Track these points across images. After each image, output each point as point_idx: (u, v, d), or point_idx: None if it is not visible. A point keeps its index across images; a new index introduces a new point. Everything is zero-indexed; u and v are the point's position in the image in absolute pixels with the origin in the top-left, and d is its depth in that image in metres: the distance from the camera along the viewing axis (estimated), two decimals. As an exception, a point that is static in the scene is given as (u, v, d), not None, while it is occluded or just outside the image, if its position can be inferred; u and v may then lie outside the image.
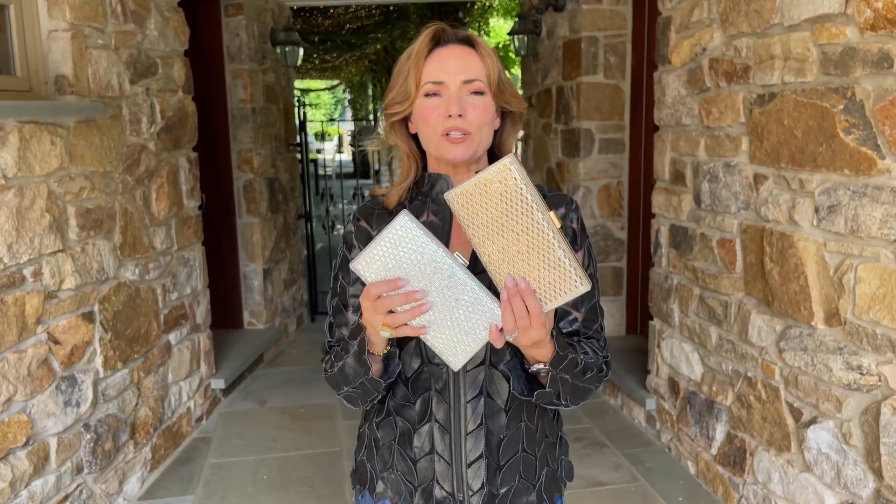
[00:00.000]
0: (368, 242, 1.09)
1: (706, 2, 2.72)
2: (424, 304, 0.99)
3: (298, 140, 5.50)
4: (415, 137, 1.20)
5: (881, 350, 1.97)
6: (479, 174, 0.95)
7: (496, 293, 1.00)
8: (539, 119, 4.86)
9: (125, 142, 2.84)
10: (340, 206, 7.53)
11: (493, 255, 0.97)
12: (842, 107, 2.04)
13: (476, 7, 9.82)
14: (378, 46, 11.34)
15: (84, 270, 2.54)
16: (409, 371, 1.17)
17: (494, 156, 1.24)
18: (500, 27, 11.07)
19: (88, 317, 2.57)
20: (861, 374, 2.04)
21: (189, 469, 3.16)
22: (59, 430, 2.40)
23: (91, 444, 2.58)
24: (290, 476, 3.09)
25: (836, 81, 2.07)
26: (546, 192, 1.19)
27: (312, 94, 23.30)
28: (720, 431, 2.79)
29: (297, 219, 5.48)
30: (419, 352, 1.16)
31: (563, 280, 0.95)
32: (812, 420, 2.26)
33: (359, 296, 1.17)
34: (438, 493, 1.19)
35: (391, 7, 8.57)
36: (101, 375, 2.65)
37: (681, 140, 2.99)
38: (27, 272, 2.25)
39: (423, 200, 1.20)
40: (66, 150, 2.44)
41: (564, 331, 1.19)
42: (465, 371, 1.15)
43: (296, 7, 6.99)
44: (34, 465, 2.27)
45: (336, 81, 18.37)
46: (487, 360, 1.15)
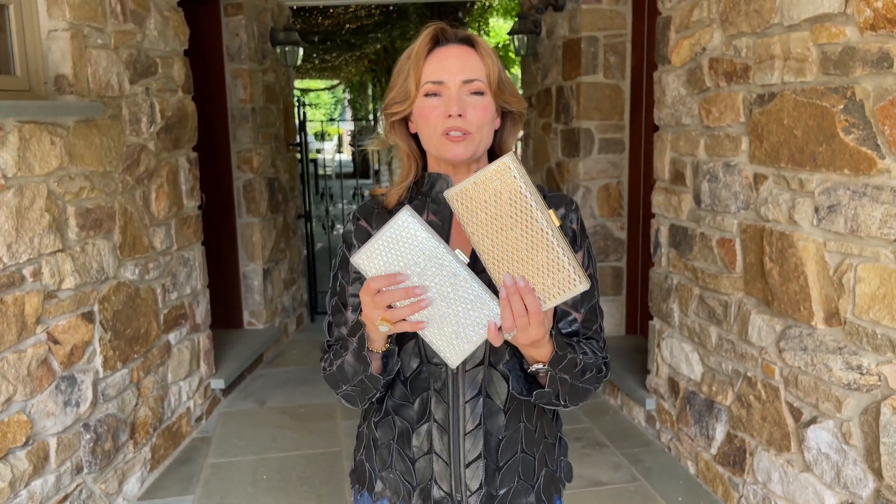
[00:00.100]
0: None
1: (706, 1, 2.72)
2: (424, 300, 0.99)
3: (298, 140, 5.50)
4: (415, 137, 1.20)
5: (881, 350, 1.97)
6: (479, 172, 0.95)
7: (495, 292, 1.00)
8: (539, 119, 4.86)
9: (125, 142, 2.84)
10: (340, 206, 7.54)
11: (493, 254, 0.97)
12: (842, 106, 2.04)
13: (476, 7, 9.82)
14: (378, 46, 11.34)
15: (84, 270, 2.54)
16: (408, 370, 1.17)
17: (494, 155, 1.23)
18: (500, 27, 11.07)
19: (88, 317, 2.57)
20: (861, 374, 2.04)
21: (189, 469, 3.16)
22: (59, 430, 2.40)
23: (91, 444, 2.58)
24: (290, 476, 3.09)
25: (836, 81, 2.07)
26: (546, 193, 1.18)
27: (312, 94, 23.30)
28: (720, 431, 2.79)
29: (297, 219, 5.48)
30: (418, 351, 1.16)
31: (562, 278, 0.95)
32: (812, 420, 2.26)
33: (358, 295, 1.17)
34: (436, 493, 1.19)
35: (391, 7, 8.57)
36: (101, 375, 2.65)
37: (681, 140, 2.99)
38: (27, 272, 2.25)
39: (423, 200, 1.20)
40: (66, 150, 2.44)
41: (564, 331, 1.18)
42: (464, 371, 1.15)
43: (295, 7, 6.99)
44: (34, 465, 2.27)
45: (336, 81, 18.37)
46: (486, 360, 1.15)
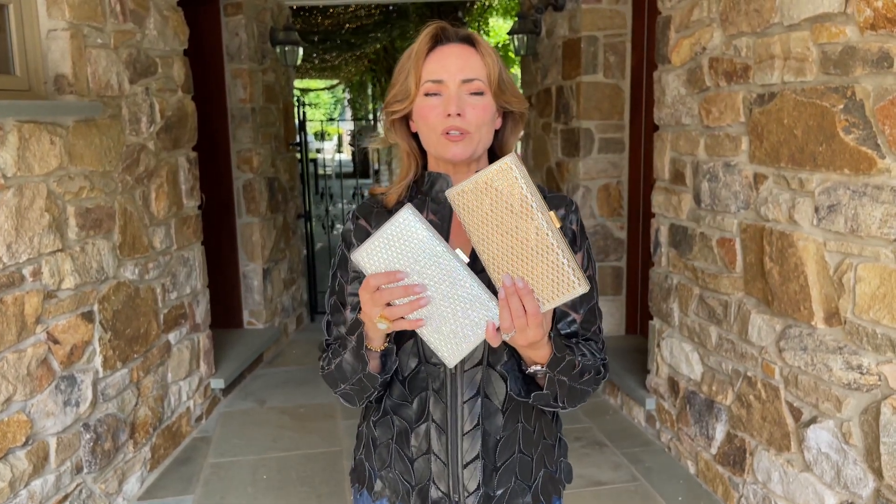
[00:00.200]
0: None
1: (706, 1, 2.72)
2: (423, 298, 0.99)
3: (298, 140, 5.50)
4: (416, 136, 1.20)
5: (881, 349, 1.97)
6: (481, 173, 0.95)
7: (495, 292, 1.00)
8: (539, 118, 4.86)
9: (125, 141, 2.83)
10: (340, 206, 7.53)
11: (492, 254, 0.97)
12: (842, 106, 2.04)
13: (475, 6, 9.82)
14: (377, 46, 11.34)
15: (83, 270, 2.54)
16: (407, 370, 1.17)
17: (495, 156, 1.23)
18: (500, 27, 11.07)
19: (88, 316, 2.57)
20: (861, 374, 2.04)
21: (189, 469, 3.16)
22: (59, 430, 2.40)
23: (90, 444, 2.58)
24: (290, 476, 3.09)
25: (836, 81, 2.07)
26: (546, 193, 1.18)
27: (312, 94, 23.29)
28: (720, 431, 2.79)
29: (297, 218, 5.48)
30: (416, 351, 1.16)
31: (562, 280, 0.94)
32: (812, 420, 2.26)
33: (357, 294, 1.17)
34: (434, 494, 1.18)
35: (391, 7, 8.57)
36: (101, 375, 2.65)
37: (680, 140, 2.99)
38: (26, 272, 2.25)
39: (423, 199, 1.20)
40: (66, 150, 2.44)
41: (563, 332, 1.18)
42: (463, 371, 1.15)
43: (295, 6, 6.99)
44: (34, 465, 2.27)
45: (335, 81, 18.35)
46: (485, 361, 1.15)
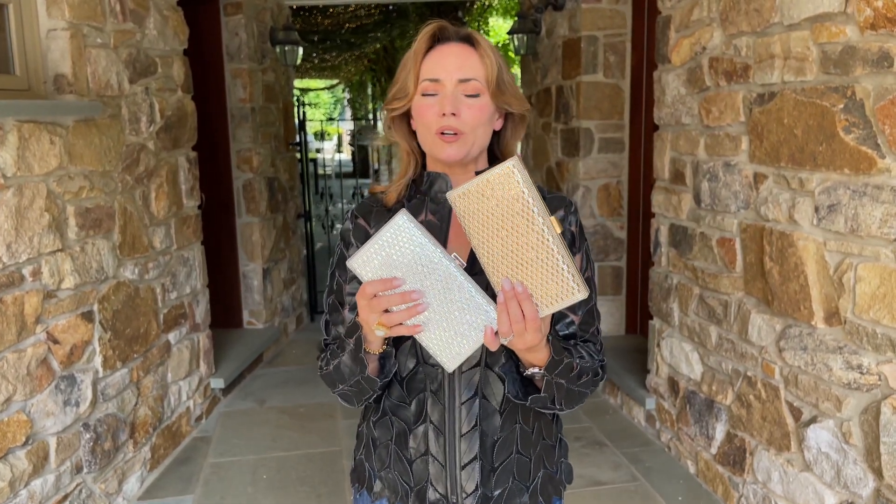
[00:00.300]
0: (366, 240, 1.08)
1: (706, 1, 2.72)
2: (420, 304, 0.98)
3: (298, 139, 5.50)
4: (416, 134, 1.20)
5: (881, 349, 1.97)
6: (482, 175, 0.94)
7: (493, 295, 0.99)
8: (538, 118, 4.86)
9: (124, 141, 2.83)
10: (340, 206, 7.53)
11: (492, 257, 0.96)
12: (842, 106, 2.04)
13: (475, 6, 9.82)
14: (377, 46, 11.34)
15: (83, 270, 2.53)
16: (405, 371, 1.17)
17: (497, 158, 1.23)
18: (500, 26, 11.07)
19: (88, 316, 2.57)
20: (861, 374, 2.04)
21: (188, 469, 3.16)
22: (59, 430, 2.40)
23: (90, 444, 2.58)
24: (290, 476, 3.09)
25: (836, 80, 2.07)
26: (545, 194, 1.18)
27: (312, 94, 23.29)
28: (720, 431, 2.79)
29: (297, 218, 5.48)
30: (415, 352, 1.15)
31: (561, 286, 0.94)
32: (812, 419, 2.26)
33: (355, 294, 1.16)
34: (432, 495, 1.18)
35: (390, 6, 8.56)
36: (101, 375, 2.65)
37: (680, 139, 2.99)
38: (26, 271, 2.25)
39: (422, 199, 1.20)
40: (66, 150, 2.44)
41: (561, 333, 1.18)
42: (461, 372, 1.14)
43: (295, 6, 6.99)
44: (33, 465, 2.27)
45: (335, 81, 18.36)
46: (483, 362, 1.14)
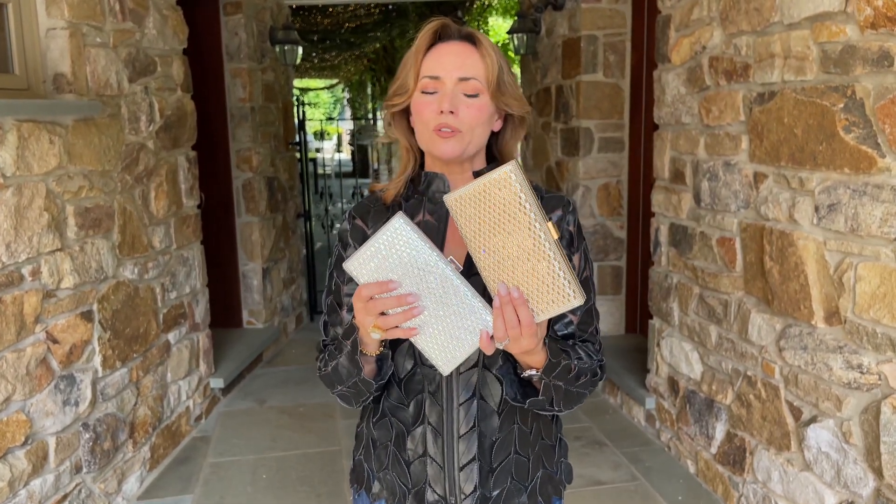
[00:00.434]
0: (364, 241, 1.08)
1: (706, 0, 2.72)
2: (416, 307, 0.98)
3: (297, 139, 5.50)
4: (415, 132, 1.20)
5: (881, 349, 1.97)
6: (480, 179, 0.93)
7: (489, 298, 0.99)
8: (538, 118, 4.86)
9: (124, 141, 2.83)
10: (339, 205, 7.53)
11: (489, 261, 0.96)
12: (842, 105, 2.04)
13: (475, 5, 9.82)
14: (377, 45, 11.33)
15: (83, 269, 2.53)
16: (402, 372, 1.16)
17: (495, 159, 1.22)
18: (500, 26, 11.07)
19: (87, 316, 2.56)
20: (861, 373, 2.04)
21: (188, 468, 3.16)
22: (58, 430, 2.40)
23: (90, 444, 2.57)
24: (290, 475, 3.08)
25: (836, 80, 2.06)
26: (544, 194, 1.18)
27: (311, 93, 23.28)
28: (720, 430, 2.79)
29: (296, 218, 5.48)
30: (412, 353, 1.15)
31: (557, 292, 0.94)
32: (812, 419, 2.26)
33: (353, 295, 1.16)
34: (430, 497, 1.18)
35: (390, 6, 8.56)
36: (100, 374, 2.65)
37: (680, 139, 2.99)
38: (26, 271, 2.24)
39: (420, 199, 1.19)
40: (65, 149, 2.44)
41: (559, 333, 1.18)
42: (458, 373, 1.14)
43: (295, 6, 6.98)
44: (33, 465, 2.27)
45: (335, 80, 18.35)
46: (480, 363, 1.14)
